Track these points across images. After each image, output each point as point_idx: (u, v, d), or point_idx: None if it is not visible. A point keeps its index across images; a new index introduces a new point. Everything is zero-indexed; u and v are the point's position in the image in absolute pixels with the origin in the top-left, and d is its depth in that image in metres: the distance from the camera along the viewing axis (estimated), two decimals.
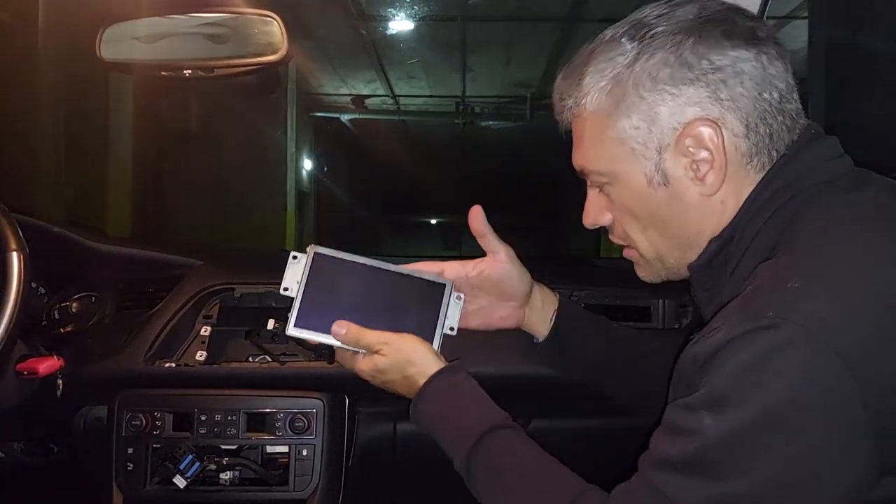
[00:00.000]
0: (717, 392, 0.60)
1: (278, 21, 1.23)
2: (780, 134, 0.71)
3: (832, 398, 0.57)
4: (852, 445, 0.57)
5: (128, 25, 1.26)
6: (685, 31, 0.70)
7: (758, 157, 0.72)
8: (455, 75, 7.34)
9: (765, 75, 0.70)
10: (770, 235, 0.69)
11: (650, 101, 0.71)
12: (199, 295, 1.25)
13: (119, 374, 1.20)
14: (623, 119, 0.73)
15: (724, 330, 0.61)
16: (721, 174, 0.71)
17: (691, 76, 0.69)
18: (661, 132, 0.71)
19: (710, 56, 0.69)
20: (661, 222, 0.76)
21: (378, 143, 8.72)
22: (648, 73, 0.71)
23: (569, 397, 1.30)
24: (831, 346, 0.57)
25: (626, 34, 0.73)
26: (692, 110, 0.70)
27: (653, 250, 0.79)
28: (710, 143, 0.70)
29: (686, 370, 0.65)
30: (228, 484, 1.17)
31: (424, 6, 5.59)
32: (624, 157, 0.74)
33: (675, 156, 0.72)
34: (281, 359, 1.21)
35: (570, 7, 5.34)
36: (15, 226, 1.01)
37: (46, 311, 1.25)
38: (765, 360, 0.58)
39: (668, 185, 0.73)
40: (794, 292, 0.60)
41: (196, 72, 1.27)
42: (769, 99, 0.70)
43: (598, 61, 0.74)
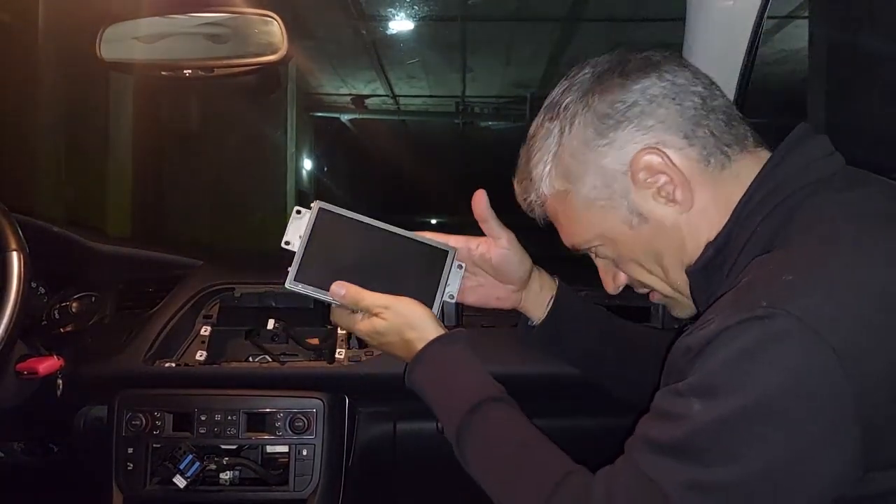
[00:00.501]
0: (709, 379, 0.61)
1: (278, 21, 1.23)
2: (720, 129, 0.75)
3: (824, 390, 0.57)
4: (841, 438, 0.58)
5: (128, 25, 1.26)
6: (588, 92, 0.77)
7: (713, 157, 0.74)
8: (455, 75, 7.34)
9: (675, 88, 0.75)
10: (764, 236, 0.71)
11: (592, 161, 0.76)
12: (199, 295, 1.25)
13: (119, 374, 1.20)
14: (580, 187, 0.78)
15: (717, 321, 0.62)
16: (687, 187, 0.74)
17: (613, 123, 0.75)
18: (615, 180, 0.76)
19: (619, 98, 0.75)
20: (660, 255, 0.79)
21: (378, 143, 8.72)
22: (578, 140, 0.77)
23: (569, 397, 1.30)
24: (825, 339, 0.57)
25: (547, 118, 0.80)
26: (630, 148, 0.75)
27: (667, 285, 0.82)
28: (662, 167, 0.74)
29: (678, 360, 0.66)
30: (228, 484, 1.17)
31: (424, 6, 5.59)
32: (599, 217, 0.79)
33: (639, 193, 0.76)
34: (281, 359, 1.21)
35: (569, 7, 5.34)
36: (15, 225, 1.01)
37: (46, 310, 1.25)
38: (758, 349, 0.59)
39: (649, 220, 0.77)
40: (789, 285, 0.60)
41: (196, 72, 1.27)
42: (692, 105, 0.74)
43: (536, 152, 0.81)
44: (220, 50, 1.26)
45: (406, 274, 0.92)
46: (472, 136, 8.98)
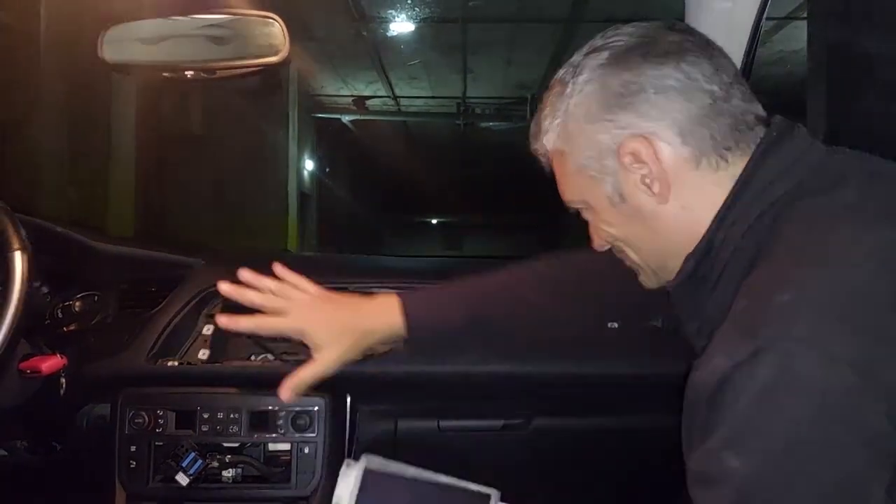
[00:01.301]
0: (737, 430, 0.59)
1: (280, 22, 1.23)
2: (723, 133, 0.74)
3: (850, 406, 0.56)
4: (881, 446, 0.57)
5: (130, 27, 1.27)
6: (607, 65, 0.76)
7: (706, 159, 0.74)
8: (456, 76, 7.36)
9: (688, 83, 0.74)
10: (750, 248, 0.70)
11: (591, 132, 0.77)
12: (202, 294, 1.26)
13: (122, 373, 1.20)
14: (577, 152, 0.79)
15: (721, 357, 0.61)
16: (665, 183, 0.75)
17: (619, 103, 0.75)
18: (607, 157, 0.77)
19: (633, 79, 0.74)
20: (637, 236, 0.81)
21: (379, 144, 8.74)
22: (585, 108, 0.77)
23: (569, 397, 1.31)
24: (835, 355, 0.56)
25: (561, 80, 0.80)
26: (626, 131, 0.75)
27: (643, 261, 0.83)
28: (646, 157, 0.74)
29: (694, 403, 0.64)
30: (231, 481, 1.17)
31: (425, 7, 5.60)
32: (587, 185, 0.80)
33: (623, 175, 0.77)
34: (283, 357, 1.21)
35: (570, 8, 5.35)
36: (18, 225, 1.02)
37: (49, 310, 1.25)
38: (774, 384, 0.57)
39: (627, 201, 0.78)
40: (786, 308, 0.60)
41: (198, 73, 1.28)
42: (700, 104, 0.74)
43: (548, 105, 0.81)
44: (222, 51, 1.27)
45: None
46: (473, 137, 8.99)
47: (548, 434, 1.32)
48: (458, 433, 1.31)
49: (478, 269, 1.07)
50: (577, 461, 1.37)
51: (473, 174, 9.94)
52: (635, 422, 1.30)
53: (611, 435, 1.33)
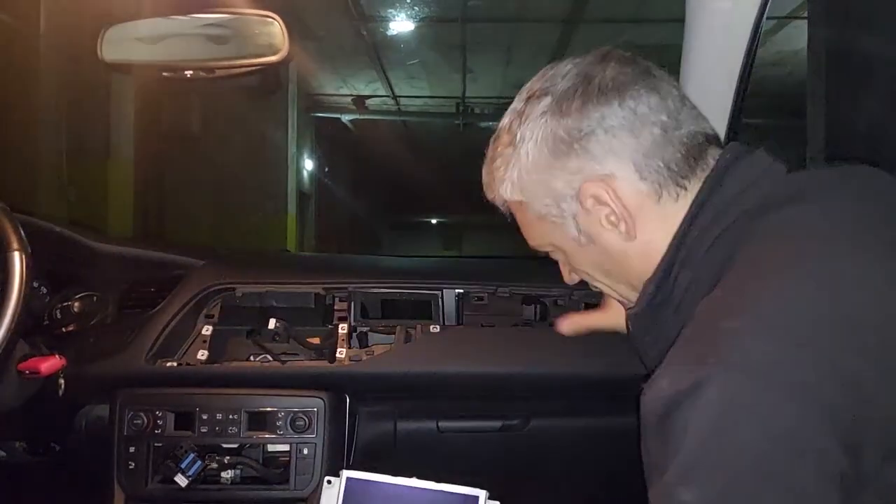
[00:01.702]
0: (686, 462, 0.59)
1: (279, 22, 1.23)
2: (677, 161, 0.74)
3: (795, 432, 0.57)
4: (835, 469, 0.57)
5: (129, 26, 1.27)
6: (551, 110, 0.76)
7: (665, 190, 0.75)
8: (455, 76, 7.36)
9: (634, 118, 0.73)
10: (709, 272, 0.70)
11: (546, 180, 0.77)
12: (201, 294, 1.26)
13: (121, 374, 1.20)
14: (535, 201, 0.80)
15: (668, 379, 0.62)
16: (630, 220, 0.75)
17: (566, 148, 0.75)
18: (566, 202, 0.77)
19: (578, 125, 0.74)
20: (607, 272, 0.83)
21: (379, 144, 8.73)
22: (535, 158, 0.77)
23: (569, 397, 1.31)
24: (781, 381, 0.57)
25: (507, 130, 0.81)
26: (579, 177, 0.75)
27: (616, 293, 0.86)
28: (607, 199, 0.74)
29: (645, 427, 0.65)
30: (230, 483, 1.17)
31: (425, 7, 5.61)
32: (550, 230, 0.81)
33: (586, 217, 0.77)
34: (282, 358, 1.21)
35: (570, 8, 5.35)
36: (17, 225, 1.02)
37: (48, 310, 1.25)
38: (720, 415, 0.58)
39: (594, 241, 0.79)
40: (731, 333, 0.60)
41: (197, 73, 1.28)
42: (650, 136, 0.73)
43: (500, 155, 0.81)
44: (221, 51, 1.26)
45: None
46: (473, 137, 8.98)
47: (546, 435, 1.32)
48: (456, 434, 1.31)
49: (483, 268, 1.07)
50: (576, 462, 1.37)
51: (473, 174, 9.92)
52: (633, 423, 1.29)
53: (609, 436, 1.33)
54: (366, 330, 1.25)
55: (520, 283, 1.29)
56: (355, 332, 1.25)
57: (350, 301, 1.27)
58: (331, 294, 1.28)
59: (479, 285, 1.28)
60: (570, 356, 1.18)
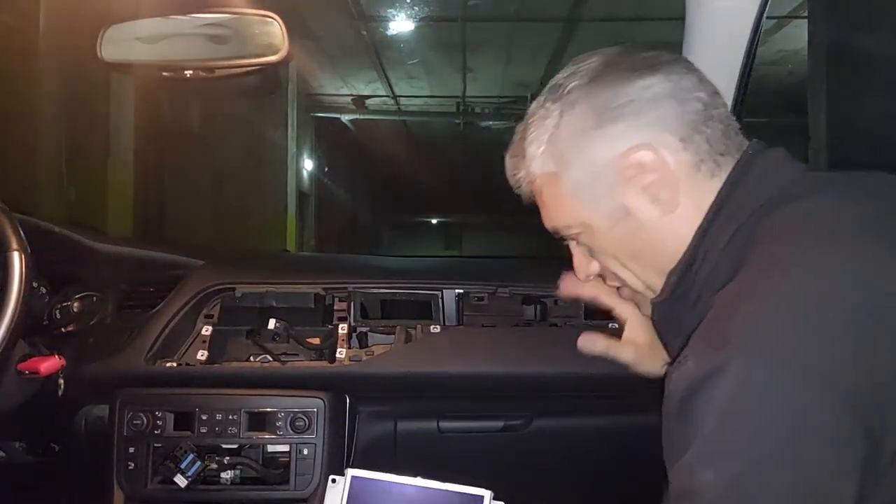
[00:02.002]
0: (706, 443, 0.60)
1: (279, 21, 1.23)
2: (716, 138, 0.74)
3: (816, 415, 0.57)
4: (851, 453, 0.57)
5: (129, 26, 1.27)
6: (595, 80, 0.75)
7: (704, 165, 0.74)
8: (455, 75, 7.35)
9: (679, 91, 0.74)
10: (727, 265, 0.70)
11: (584, 150, 0.76)
12: (201, 295, 1.26)
13: (120, 374, 1.20)
14: (569, 173, 0.77)
15: (692, 360, 0.63)
16: (675, 189, 0.74)
17: (612, 115, 0.74)
18: (604, 173, 0.75)
19: (622, 91, 0.74)
20: (638, 253, 0.79)
21: (379, 143, 8.74)
22: (574, 126, 0.76)
23: (571, 397, 1.31)
24: (799, 365, 0.57)
25: (548, 99, 0.79)
26: (623, 143, 0.74)
27: (640, 282, 0.82)
28: (653, 164, 0.73)
29: (668, 408, 0.66)
30: (229, 483, 1.17)
31: (425, 7, 5.61)
32: (582, 206, 0.78)
33: (625, 189, 0.75)
34: (282, 358, 1.21)
35: (569, 7, 5.35)
36: (16, 226, 1.02)
37: (48, 310, 1.25)
38: (738, 397, 0.58)
39: (631, 215, 0.76)
40: (751, 317, 0.61)
41: (197, 72, 1.28)
42: (693, 109, 0.74)
43: (533, 131, 0.79)
44: (221, 50, 1.26)
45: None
46: (473, 136, 8.99)
47: (548, 435, 1.32)
48: (457, 434, 1.31)
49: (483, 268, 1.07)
50: (578, 462, 1.37)
51: (473, 173, 9.94)
52: (636, 423, 1.29)
53: (611, 436, 1.33)
54: (366, 330, 1.25)
55: (520, 283, 1.29)
56: (355, 332, 1.25)
57: (350, 301, 1.27)
58: (331, 294, 1.28)
59: (479, 285, 1.28)
60: (571, 356, 1.18)
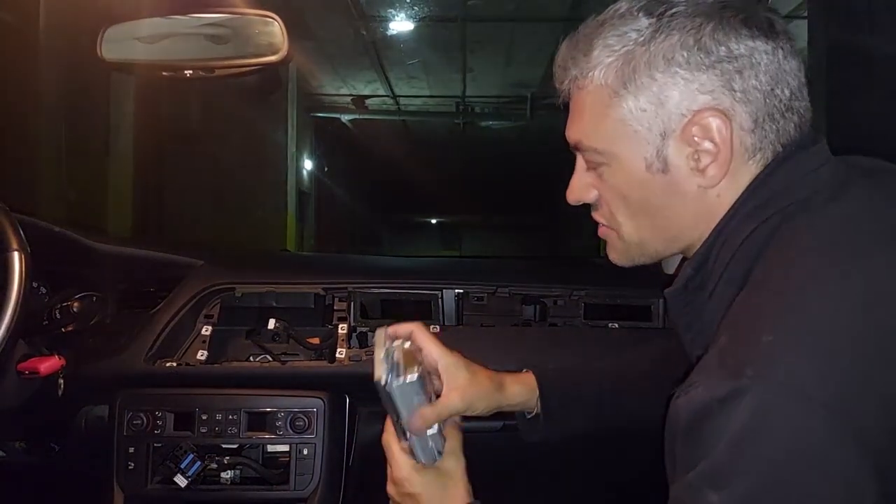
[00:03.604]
0: (716, 466, 0.59)
1: (279, 21, 1.23)
2: (786, 131, 0.70)
3: (829, 451, 0.56)
4: (859, 489, 0.56)
5: (129, 26, 1.27)
6: (705, 15, 0.67)
7: (761, 153, 0.70)
8: (455, 75, 7.35)
9: (779, 70, 0.68)
10: (745, 261, 0.68)
11: (661, 84, 0.68)
12: (200, 295, 1.26)
13: (120, 374, 1.20)
14: (630, 99, 0.69)
15: (703, 387, 0.60)
16: (724, 168, 0.69)
17: (707, 62, 0.67)
18: (668, 117, 0.69)
19: (729, 44, 0.67)
20: (653, 210, 0.74)
21: (378, 143, 8.73)
22: (663, 55, 0.67)
23: None
24: (816, 399, 0.56)
25: (644, 9, 0.69)
26: (703, 98, 0.67)
27: (637, 236, 0.77)
28: (718, 136, 0.67)
29: (673, 430, 0.64)
30: (229, 483, 1.17)
31: (424, 6, 5.60)
32: (625, 138, 0.71)
33: (678, 143, 0.69)
34: (282, 358, 1.21)
35: (569, 7, 5.35)
36: (16, 225, 1.02)
37: (48, 310, 1.25)
38: (754, 425, 0.57)
39: (668, 172, 0.70)
40: (769, 347, 0.59)
41: (197, 72, 1.28)
42: (780, 95, 0.68)
43: (610, 34, 0.70)
44: (221, 50, 1.27)
45: None
46: (473, 136, 8.98)
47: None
48: None
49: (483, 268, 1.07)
50: (577, 463, 1.37)
51: (473, 174, 9.94)
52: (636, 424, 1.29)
53: (611, 437, 1.32)
54: (366, 330, 1.25)
55: (520, 283, 1.29)
56: (355, 332, 1.25)
57: (350, 301, 1.27)
58: (330, 294, 1.28)
59: (478, 285, 1.28)
60: (571, 356, 1.18)
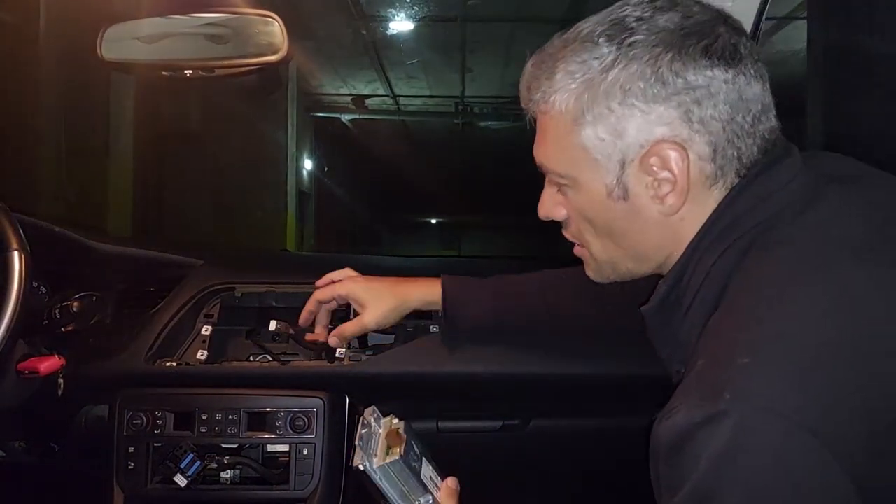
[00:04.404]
0: (700, 488, 0.59)
1: (279, 21, 1.23)
2: (749, 155, 0.70)
3: (810, 469, 0.56)
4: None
5: (129, 25, 1.27)
6: (665, 44, 0.67)
7: (723, 179, 0.70)
8: (455, 75, 7.34)
9: (739, 98, 0.68)
10: (718, 281, 0.68)
11: (619, 115, 0.69)
12: (200, 294, 1.26)
13: (120, 374, 1.20)
14: (589, 127, 0.70)
15: (683, 412, 0.60)
16: (682, 197, 0.70)
17: (664, 94, 0.67)
18: (626, 147, 0.69)
19: (686, 75, 0.67)
20: (617, 233, 0.75)
21: (378, 143, 8.72)
22: (621, 85, 0.68)
23: (569, 398, 1.31)
24: (795, 420, 0.56)
25: (605, 35, 0.69)
26: (661, 130, 0.68)
27: (606, 255, 0.78)
28: (675, 166, 0.68)
29: (657, 453, 0.64)
30: (229, 483, 1.17)
31: (424, 6, 5.60)
32: (586, 164, 0.72)
33: (637, 172, 0.70)
34: (281, 358, 1.21)
35: (569, 7, 5.35)
36: (16, 225, 1.02)
37: (48, 310, 1.25)
38: (735, 448, 0.57)
39: (628, 199, 0.72)
40: (745, 369, 0.59)
41: (197, 72, 1.28)
42: (741, 122, 0.68)
43: (572, 59, 0.70)
44: (221, 50, 1.27)
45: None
46: (472, 136, 8.98)
47: (546, 435, 1.32)
48: (456, 434, 1.31)
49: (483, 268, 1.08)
50: (576, 462, 1.37)
51: (472, 174, 9.94)
52: (634, 423, 1.29)
53: (609, 436, 1.33)
54: None
55: None
56: None
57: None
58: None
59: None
60: (570, 356, 1.18)
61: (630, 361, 1.19)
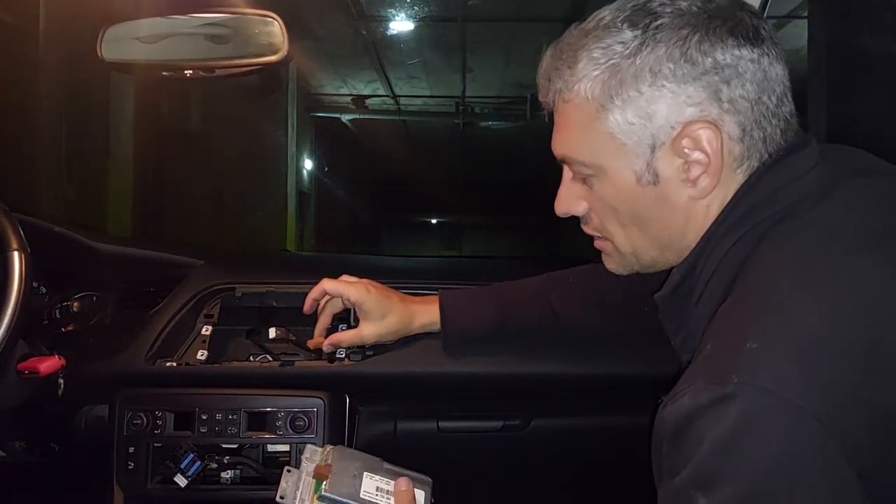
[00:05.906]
0: (703, 470, 0.59)
1: (279, 21, 1.23)
2: (773, 137, 0.70)
3: (814, 456, 0.56)
4: (844, 499, 0.57)
5: (129, 26, 1.27)
6: (691, 26, 0.67)
7: (748, 161, 0.70)
8: (455, 75, 7.35)
9: (765, 78, 0.68)
10: (731, 267, 0.69)
11: (648, 97, 0.68)
12: (200, 294, 1.26)
13: (120, 374, 1.20)
14: (617, 112, 0.69)
15: (689, 395, 0.60)
16: (715, 178, 0.69)
17: (694, 74, 0.67)
18: (656, 130, 0.68)
19: (715, 54, 0.67)
20: (644, 221, 0.74)
21: (378, 143, 8.72)
22: (649, 68, 0.67)
23: (570, 397, 1.31)
24: (802, 406, 0.56)
25: (628, 20, 0.69)
26: (691, 110, 0.67)
27: (630, 246, 0.77)
28: (708, 147, 0.68)
29: (659, 437, 0.64)
30: (229, 483, 1.17)
31: (425, 7, 5.60)
32: (613, 151, 0.71)
33: (668, 155, 0.69)
34: (282, 358, 1.21)
35: (569, 7, 5.35)
36: (16, 225, 1.02)
37: (48, 310, 1.25)
38: (741, 431, 0.57)
39: (658, 184, 0.71)
40: (755, 355, 0.59)
41: (197, 72, 1.28)
42: (767, 102, 0.69)
43: (595, 46, 0.70)
44: (221, 50, 1.27)
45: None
46: (473, 137, 8.98)
47: (547, 435, 1.32)
48: (456, 434, 1.31)
49: (483, 268, 1.08)
50: (577, 462, 1.37)
51: (473, 174, 9.94)
52: (635, 422, 1.29)
53: (610, 436, 1.32)
54: None
55: None
56: None
57: None
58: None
59: (478, 285, 1.28)
60: (571, 356, 1.18)
61: (630, 361, 1.19)
